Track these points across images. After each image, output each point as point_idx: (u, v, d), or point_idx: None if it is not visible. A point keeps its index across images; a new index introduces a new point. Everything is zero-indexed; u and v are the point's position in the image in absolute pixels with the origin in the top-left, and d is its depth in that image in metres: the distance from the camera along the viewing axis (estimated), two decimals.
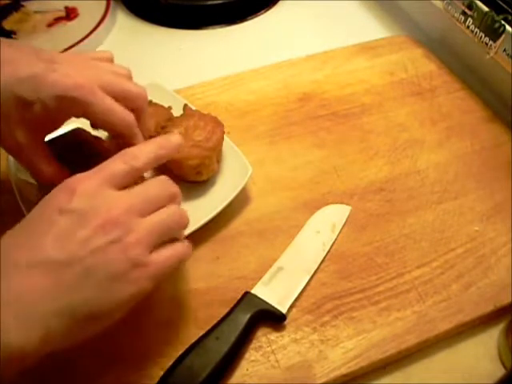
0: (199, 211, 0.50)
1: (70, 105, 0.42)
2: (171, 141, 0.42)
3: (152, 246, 0.38)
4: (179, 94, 0.60)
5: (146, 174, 0.52)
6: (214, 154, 0.53)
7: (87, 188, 0.36)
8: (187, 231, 0.49)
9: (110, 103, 0.43)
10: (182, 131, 0.53)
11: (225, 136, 0.54)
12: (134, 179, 0.39)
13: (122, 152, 0.40)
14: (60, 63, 0.42)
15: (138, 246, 0.37)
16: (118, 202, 0.37)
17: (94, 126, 0.50)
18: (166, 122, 0.54)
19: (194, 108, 0.57)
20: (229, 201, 0.51)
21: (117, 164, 0.39)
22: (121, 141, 0.48)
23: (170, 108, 0.58)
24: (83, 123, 0.55)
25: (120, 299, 0.36)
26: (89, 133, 0.53)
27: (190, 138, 0.52)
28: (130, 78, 0.47)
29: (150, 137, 0.54)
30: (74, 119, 0.56)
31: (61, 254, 0.35)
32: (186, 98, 0.60)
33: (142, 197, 0.38)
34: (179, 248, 0.40)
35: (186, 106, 0.57)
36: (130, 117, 0.44)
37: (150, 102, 0.58)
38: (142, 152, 0.40)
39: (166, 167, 0.53)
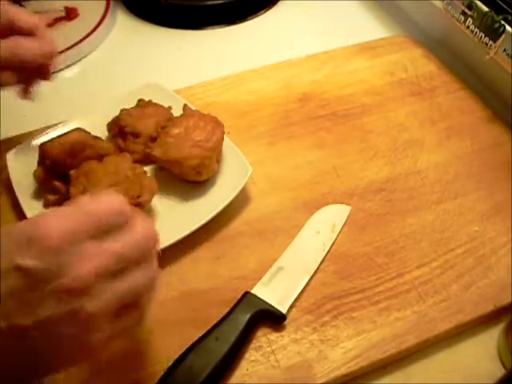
0: (199, 211, 0.50)
1: None
2: None
3: (110, 318, 0.32)
4: (179, 94, 0.60)
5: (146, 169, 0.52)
6: (214, 154, 0.53)
7: (58, 236, 0.30)
8: (187, 231, 0.49)
9: None
10: (182, 131, 0.53)
11: (225, 136, 0.54)
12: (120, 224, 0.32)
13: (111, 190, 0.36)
14: None
15: (94, 319, 0.31)
16: (87, 263, 0.30)
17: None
18: (166, 122, 0.54)
19: (193, 108, 0.57)
20: (229, 201, 0.51)
21: (102, 205, 0.32)
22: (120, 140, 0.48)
23: (170, 108, 0.58)
24: (83, 123, 0.56)
25: (57, 369, 0.33)
26: (88, 133, 0.53)
27: (190, 137, 0.52)
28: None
29: (151, 137, 0.54)
30: (73, 120, 0.56)
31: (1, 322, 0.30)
32: (186, 98, 0.60)
33: (117, 256, 0.32)
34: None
35: (185, 106, 0.57)
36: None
37: (150, 101, 0.58)
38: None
39: (165, 167, 0.53)
